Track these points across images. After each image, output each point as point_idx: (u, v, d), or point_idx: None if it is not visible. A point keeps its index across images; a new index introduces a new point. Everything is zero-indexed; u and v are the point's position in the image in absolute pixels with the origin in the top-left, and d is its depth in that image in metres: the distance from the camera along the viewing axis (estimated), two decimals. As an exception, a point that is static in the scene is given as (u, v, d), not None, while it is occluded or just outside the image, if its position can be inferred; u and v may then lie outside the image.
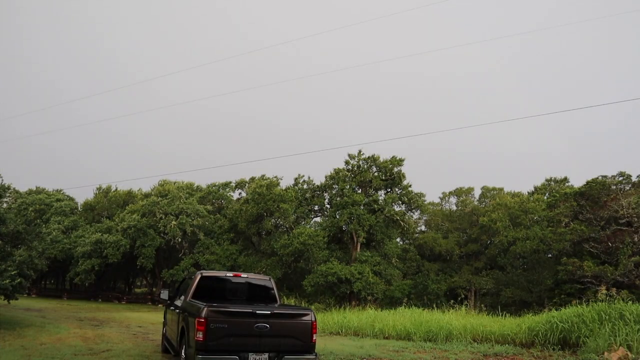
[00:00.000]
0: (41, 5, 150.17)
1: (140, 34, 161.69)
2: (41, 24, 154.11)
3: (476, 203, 45.82)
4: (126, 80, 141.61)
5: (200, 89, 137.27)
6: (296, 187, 35.22)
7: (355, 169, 33.30)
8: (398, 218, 31.60)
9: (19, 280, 13.56)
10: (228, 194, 42.03)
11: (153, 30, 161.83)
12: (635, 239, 25.60)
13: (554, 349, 13.01)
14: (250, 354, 6.78)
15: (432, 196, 62.92)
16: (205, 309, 6.69)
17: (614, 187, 27.92)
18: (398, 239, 38.17)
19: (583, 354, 11.74)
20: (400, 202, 32.86)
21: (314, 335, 7.28)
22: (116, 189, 43.72)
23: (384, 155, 33.09)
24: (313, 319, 7.31)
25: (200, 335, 6.57)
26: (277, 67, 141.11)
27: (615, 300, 13.86)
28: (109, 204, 42.13)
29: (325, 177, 34.06)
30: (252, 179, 38.97)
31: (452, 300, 22.84)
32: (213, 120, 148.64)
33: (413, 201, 32.91)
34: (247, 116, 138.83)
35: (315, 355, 7.33)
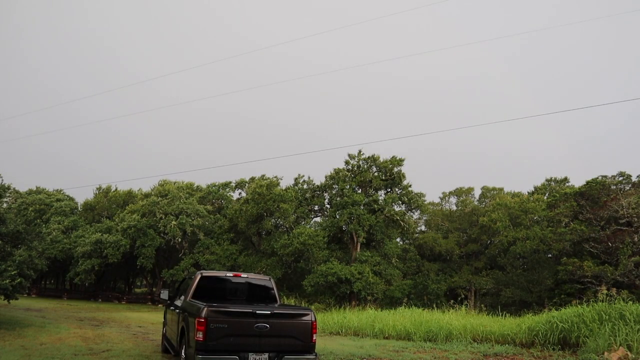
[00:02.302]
0: (41, 6, 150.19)
1: (140, 35, 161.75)
2: (41, 25, 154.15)
3: (476, 203, 45.81)
4: (126, 80, 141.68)
5: (200, 89, 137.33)
6: (296, 187, 35.23)
7: (355, 169, 33.29)
8: (398, 218, 31.59)
9: (19, 280, 13.55)
10: (228, 194, 42.04)
11: (152, 32, 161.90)
12: (635, 239, 25.58)
13: (554, 349, 13.00)
14: (250, 354, 6.77)
15: (432, 196, 63.07)
16: (205, 309, 6.68)
17: (614, 187, 27.90)
18: (398, 239, 38.17)
19: (583, 354, 11.72)
20: (400, 202, 32.85)
21: (314, 335, 7.27)
22: (116, 189, 43.74)
23: (384, 156, 33.20)
24: (313, 319, 7.31)
25: (200, 335, 6.57)
26: (277, 68, 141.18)
27: (615, 300, 13.84)
28: (109, 204, 42.14)
29: (325, 177, 34.11)
30: (252, 179, 38.97)
31: (452, 300, 22.83)
32: (213, 120, 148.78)
33: (413, 201, 32.90)
34: (247, 116, 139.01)
35: (315, 355, 7.32)
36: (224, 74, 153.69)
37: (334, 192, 33.52)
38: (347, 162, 33.37)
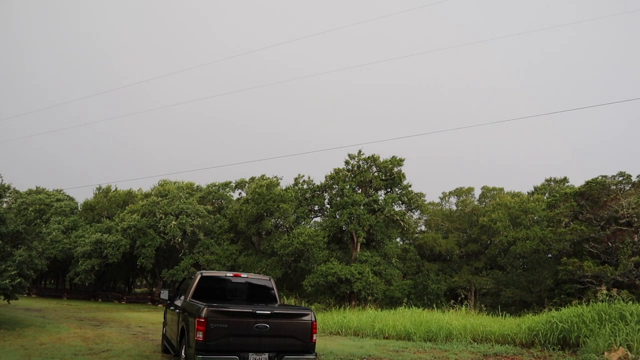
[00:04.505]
0: (40, 8, 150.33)
1: (138, 37, 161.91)
2: (41, 27, 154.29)
3: (476, 203, 45.82)
4: (125, 82, 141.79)
5: (200, 91, 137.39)
6: (296, 187, 35.20)
7: (355, 169, 33.26)
8: (398, 218, 31.57)
9: (19, 280, 13.55)
10: (228, 194, 42.01)
11: (150, 34, 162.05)
12: (635, 239, 25.57)
13: (554, 349, 13.00)
14: (250, 354, 6.78)
15: (432, 196, 63.04)
16: (206, 308, 6.69)
17: (614, 187, 27.87)
18: (398, 239, 38.14)
19: (583, 354, 11.73)
20: (400, 202, 32.83)
21: (314, 335, 7.27)
22: (116, 189, 43.71)
23: (384, 156, 33.13)
24: (313, 319, 7.31)
25: (200, 335, 6.57)
26: (277, 70, 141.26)
27: (615, 300, 13.85)
28: (109, 204, 42.11)
29: (325, 177, 34.07)
30: (252, 179, 38.95)
31: (452, 300, 22.83)
32: (213, 121, 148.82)
33: (413, 201, 32.88)
34: (248, 118, 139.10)
35: (315, 355, 7.32)
36: (225, 75, 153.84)
37: (334, 192, 33.49)
38: (347, 162, 33.35)
